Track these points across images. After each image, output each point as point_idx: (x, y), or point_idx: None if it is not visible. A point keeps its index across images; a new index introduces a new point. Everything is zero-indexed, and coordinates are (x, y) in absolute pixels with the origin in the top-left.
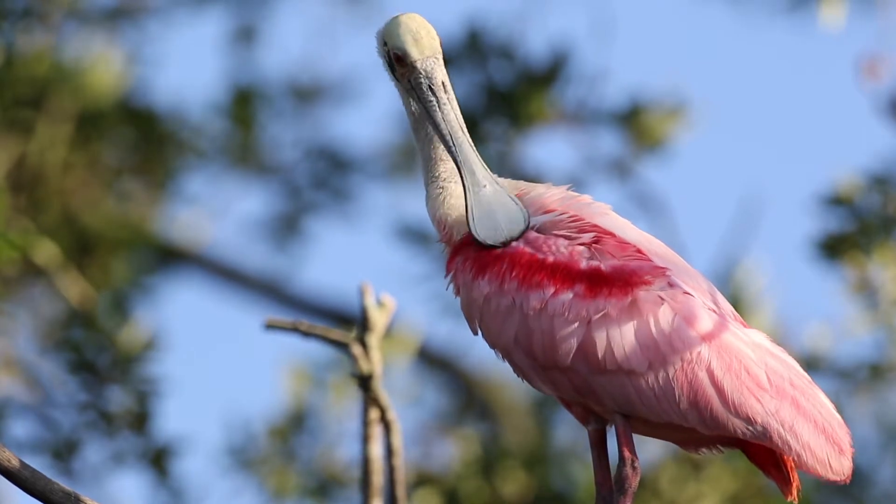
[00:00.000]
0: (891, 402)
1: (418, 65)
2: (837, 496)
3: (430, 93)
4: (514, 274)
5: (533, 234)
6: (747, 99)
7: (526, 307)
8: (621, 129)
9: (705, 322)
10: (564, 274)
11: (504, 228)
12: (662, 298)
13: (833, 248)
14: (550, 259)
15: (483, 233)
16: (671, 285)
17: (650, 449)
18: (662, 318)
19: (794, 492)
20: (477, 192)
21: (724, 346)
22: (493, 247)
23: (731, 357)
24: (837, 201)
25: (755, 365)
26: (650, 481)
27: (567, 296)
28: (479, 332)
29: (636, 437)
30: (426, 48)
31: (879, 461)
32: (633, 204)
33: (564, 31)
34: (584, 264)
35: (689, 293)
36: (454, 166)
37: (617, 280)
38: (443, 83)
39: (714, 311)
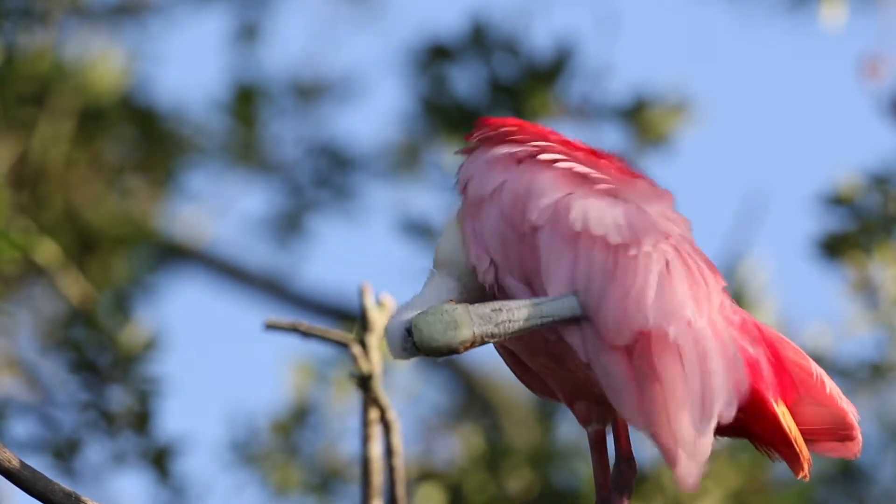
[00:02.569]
0: (892, 401)
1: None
2: (839, 494)
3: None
4: (522, 136)
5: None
6: (749, 97)
7: (521, 156)
8: (625, 124)
9: (680, 227)
10: (571, 145)
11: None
12: (658, 191)
13: (833, 248)
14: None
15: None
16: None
17: (653, 446)
18: (652, 207)
19: (806, 467)
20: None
21: (681, 249)
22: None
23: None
24: (838, 201)
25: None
26: (653, 477)
27: (564, 156)
28: (461, 195)
29: (635, 434)
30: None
31: (880, 460)
32: None
33: (569, 27)
34: (589, 147)
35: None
36: None
37: (621, 170)
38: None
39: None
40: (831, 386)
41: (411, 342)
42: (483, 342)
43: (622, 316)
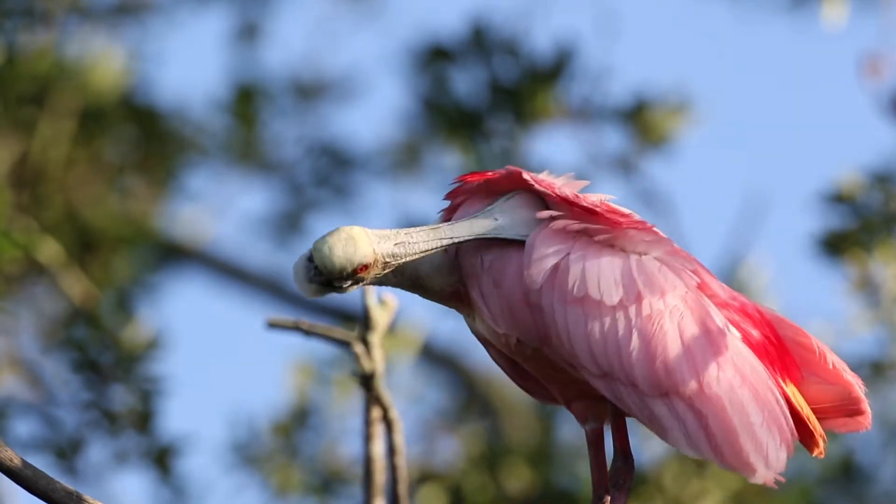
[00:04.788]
0: (892, 400)
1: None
2: (839, 493)
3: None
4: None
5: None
6: (750, 97)
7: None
8: (626, 125)
9: (687, 280)
10: (563, 201)
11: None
12: (648, 242)
13: (835, 246)
14: (545, 185)
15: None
16: (670, 253)
17: (654, 446)
18: (646, 259)
19: (822, 444)
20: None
21: (699, 305)
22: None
23: (704, 317)
24: (839, 199)
25: (719, 335)
26: (654, 478)
27: (562, 221)
28: (461, 266)
29: (639, 435)
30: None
31: (881, 459)
32: (638, 201)
33: (569, 28)
34: (583, 202)
35: (679, 252)
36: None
37: (608, 216)
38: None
39: (696, 275)
40: (834, 359)
41: (313, 267)
42: (386, 266)
43: (652, 379)
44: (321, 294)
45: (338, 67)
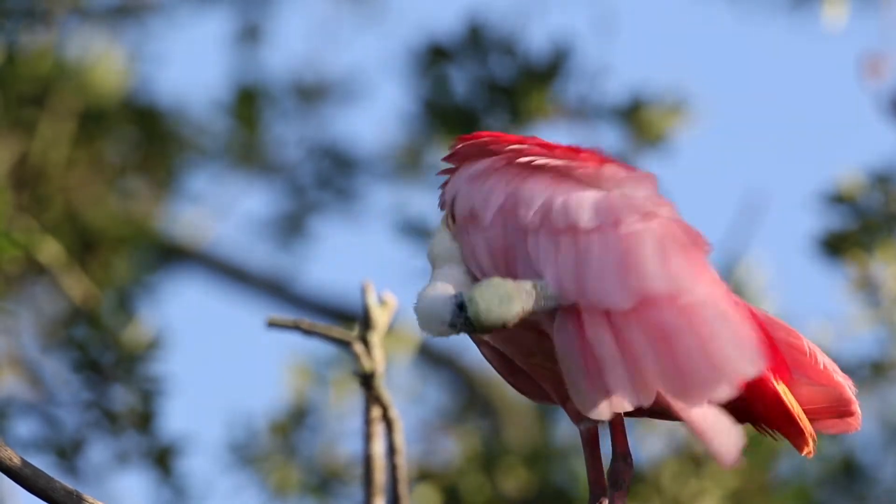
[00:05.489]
0: (892, 400)
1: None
2: (839, 493)
3: None
4: (499, 146)
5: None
6: (749, 97)
7: (499, 165)
8: (622, 124)
9: (666, 210)
10: (548, 146)
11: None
12: (641, 175)
13: (835, 246)
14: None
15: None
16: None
17: (652, 445)
18: (637, 192)
19: (811, 444)
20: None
21: (673, 224)
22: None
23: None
24: (839, 199)
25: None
26: (652, 478)
27: (543, 157)
28: (452, 215)
29: (636, 434)
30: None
31: (882, 459)
32: None
33: (566, 27)
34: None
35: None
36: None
37: (602, 161)
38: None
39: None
40: (825, 361)
41: (464, 316)
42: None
43: (621, 285)
44: (454, 333)
45: (339, 69)
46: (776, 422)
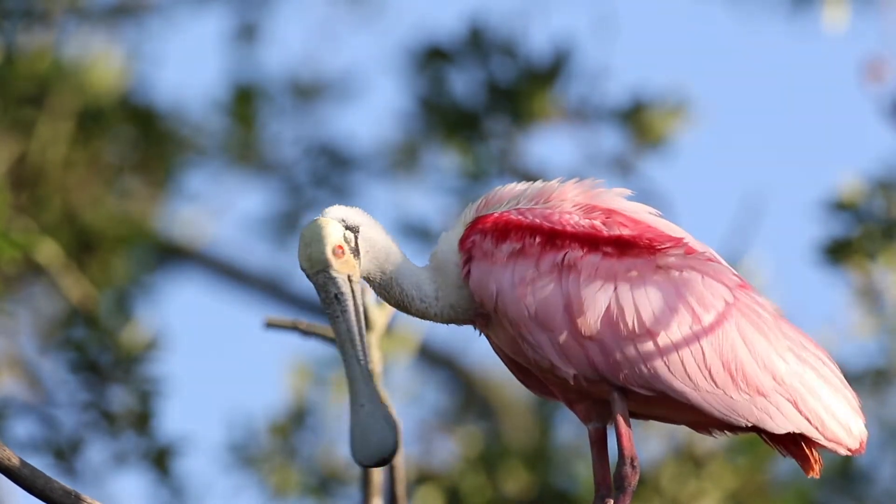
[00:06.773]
0: (892, 401)
1: (311, 279)
2: (839, 494)
3: (325, 305)
4: (538, 240)
5: (547, 211)
6: (750, 100)
7: (552, 270)
8: (623, 126)
9: (730, 282)
10: (589, 237)
11: (375, 450)
12: (687, 260)
13: (837, 253)
14: (571, 227)
15: (359, 455)
16: (689, 252)
17: (651, 446)
18: (690, 278)
19: (817, 468)
20: (356, 412)
21: (748, 307)
22: (369, 466)
23: (756, 318)
24: (841, 206)
25: (775, 329)
26: (651, 479)
27: (595, 257)
28: (494, 310)
29: (637, 435)
30: (314, 263)
31: (880, 460)
32: (635, 201)
33: (567, 29)
34: (605, 231)
35: (710, 258)
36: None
37: (641, 243)
38: (336, 296)
39: (735, 275)
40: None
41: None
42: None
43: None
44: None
45: (336, 68)
46: (783, 444)
